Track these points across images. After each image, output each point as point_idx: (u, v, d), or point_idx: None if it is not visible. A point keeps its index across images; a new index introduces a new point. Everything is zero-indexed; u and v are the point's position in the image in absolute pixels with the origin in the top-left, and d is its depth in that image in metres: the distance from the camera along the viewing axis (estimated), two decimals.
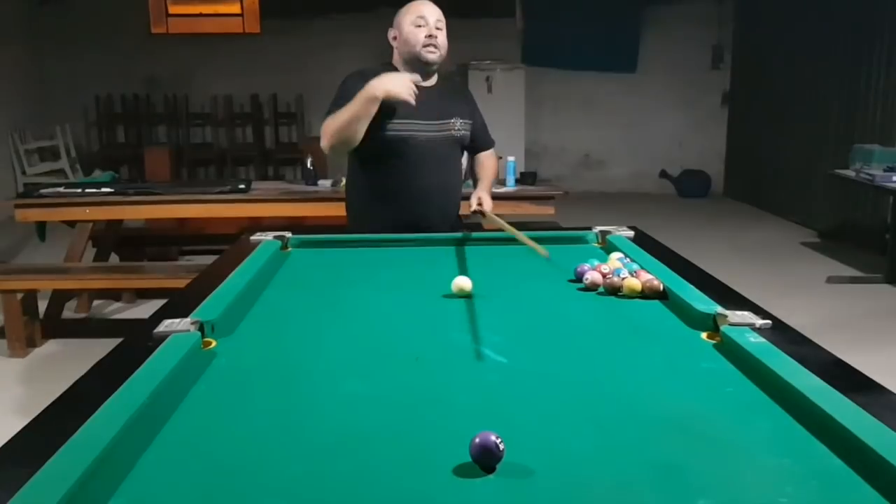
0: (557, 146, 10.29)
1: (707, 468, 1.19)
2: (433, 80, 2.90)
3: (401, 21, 2.82)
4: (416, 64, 2.82)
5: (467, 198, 2.94)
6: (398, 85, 2.63)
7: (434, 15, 2.80)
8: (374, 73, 2.73)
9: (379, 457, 1.22)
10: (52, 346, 4.53)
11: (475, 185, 3.02)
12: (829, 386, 1.35)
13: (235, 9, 9.90)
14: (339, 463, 1.20)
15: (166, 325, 1.69)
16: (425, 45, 2.78)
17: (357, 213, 3.00)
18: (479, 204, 2.82)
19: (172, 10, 9.88)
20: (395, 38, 2.85)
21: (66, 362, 4.10)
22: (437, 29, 2.79)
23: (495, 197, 3.02)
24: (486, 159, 3.11)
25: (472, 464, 1.16)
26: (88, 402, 1.31)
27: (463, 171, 3.15)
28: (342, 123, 2.71)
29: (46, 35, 9.55)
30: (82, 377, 1.50)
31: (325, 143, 2.80)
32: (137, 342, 1.64)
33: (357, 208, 3.00)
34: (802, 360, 1.47)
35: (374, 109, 2.66)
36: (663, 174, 10.20)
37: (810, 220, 7.76)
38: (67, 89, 9.70)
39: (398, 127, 2.80)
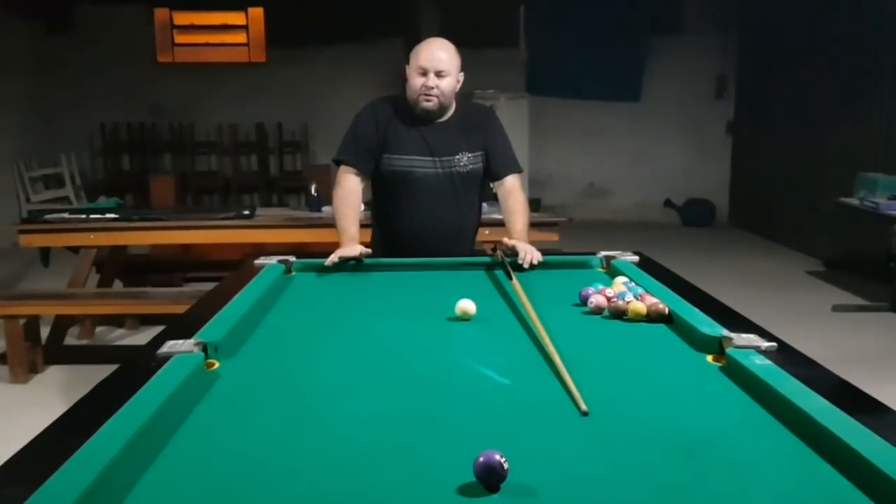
0: (562, 175, 10.32)
1: (714, 489, 1.17)
2: (447, 116, 2.91)
3: (410, 62, 2.84)
4: (416, 108, 2.86)
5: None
6: (346, 252, 2.70)
7: (436, 65, 2.78)
8: (387, 105, 2.92)
9: (383, 477, 1.21)
10: (54, 373, 4.51)
11: (507, 224, 2.91)
12: (835, 407, 1.34)
13: (241, 38, 9.99)
14: (343, 483, 1.19)
15: (169, 346, 1.69)
16: (421, 95, 2.80)
17: (374, 235, 3.10)
18: (503, 248, 2.74)
19: (178, 39, 9.98)
20: (409, 73, 2.87)
21: (68, 389, 4.09)
22: (440, 76, 2.78)
23: (496, 223, 3.01)
24: (509, 198, 2.93)
25: (476, 483, 1.15)
26: (90, 422, 1.30)
27: (480, 206, 3.11)
28: (334, 217, 2.91)
29: (53, 63, 9.64)
30: (84, 397, 1.49)
31: (334, 191, 2.94)
32: (140, 363, 1.64)
33: (373, 226, 3.11)
34: (808, 382, 1.46)
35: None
36: (668, 203, 10.21)
37: (815, 249, 7.75)
38: (73, 117, 9.76)
39: (396, 163, 2.89)
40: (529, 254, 2.67)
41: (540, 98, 9.74)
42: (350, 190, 2.87)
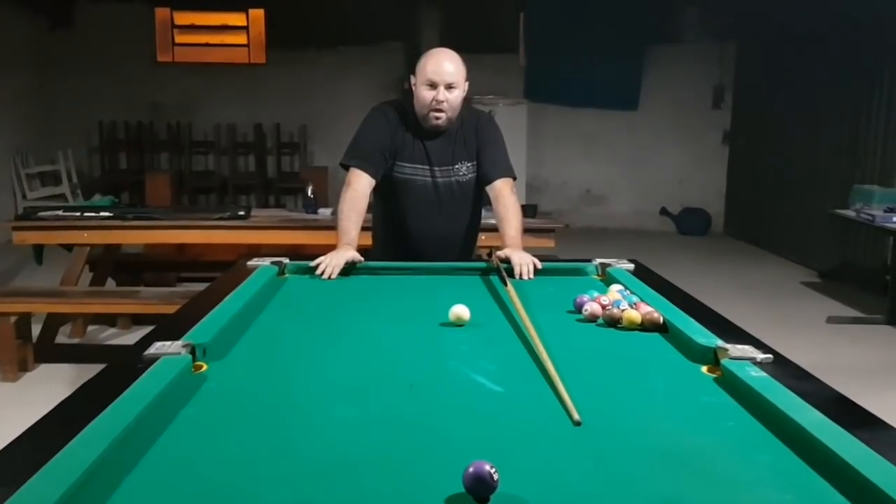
0: (559, 181, 10.32)
1: (707, 503, 1.15)
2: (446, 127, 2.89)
3: (417, 74, 2.79)
4: (424, 122, 2.83)
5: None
6: (334, 259, 2.63)
7: (446, 78, 2.73)
8: (394, 111, 2.90)
9: (370, 484, 1.19)
10: (44, 371, 4.48)
11: (500, 231, 2.87)
12: (831, 421, 1.32)
13: (241, 39, 9.98)
14: (330, 490, 1.17)
15: (157, 347, 1.66)
16: (432, 110, 2.78)
17: (374, 236, 3.11)
18: (499, 256, 2.70)
19: (179, 39, 9.97)
20: (415, 84, 2.83)
21: (57, 387, 4.05)
22: (449, 89, 2.75)
23: (493, 228, 2.99)
24: (499, 204, 2.87)
25: (465, 494, 1.13)
26: (74, 423, 1.28)
27: (479, 214, 3.11)
28: (337, 217, 2.87)
29: (53, 60, 9.62)
30: (69, 397, 1.46)
31: (343, 192, 2.89)
32: (127, 364, 1.61)
33: (374, 231, 3.11)
34: (804, 395, 1.45)
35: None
36: (664, 211, 10.21)
37: (810, 260, 7.75)
38: (71, 114, 9.73)
39: (399, 170, 2.89)
40: (525, 266, 2.61)
41: (538, 105, 9.75)
42: (360, 193, 2.83)
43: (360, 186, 2.83)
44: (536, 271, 2.63)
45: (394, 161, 2.89)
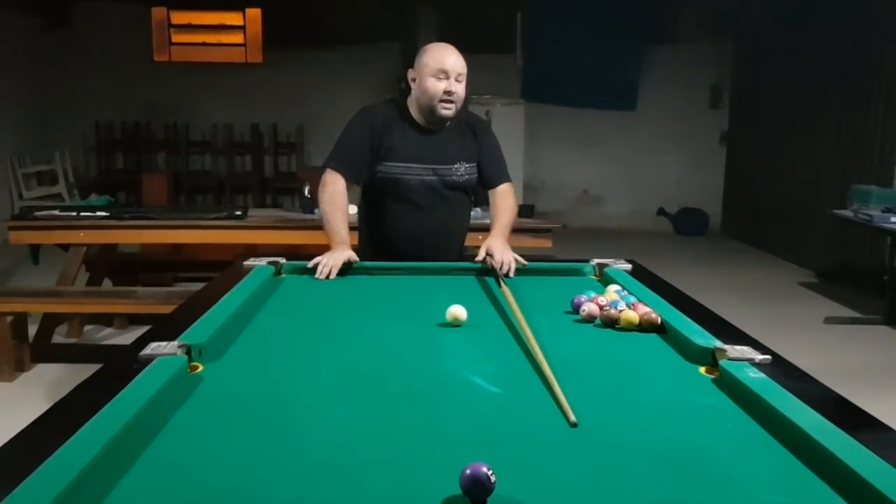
0: (556, 181, 10.32)
1: None
2: (447, 123, 2.89)
3: (422, 67, 2.77)
4: (431, 114, 2.81)
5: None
6: (332, 259, 2.64)
7: (456, 68, 2.74)
8: (381, 111, 2.89)
9: (367, 487, 1.18)
10: (40, 371, 4.46)
11: (491, 221, 2.93)
12: (829, 422, 1.32)
13: (238, 39, 9.97)
14: (326, 492, 1.17)
15: (152, 347, 1.65)
16: (442, 101, 2.76)
17: (361, 235, 3.08)
18: (489, 254, 2.71)
19: (175, 38, 9.95)
20: (413, 79, 2.82)
21: (54, 387, 4.04)
22: (458, 82, 2.75)
23: (488, 229, 2.99)
24: (499, 198, 2.97)
25: (462, 496, 1.12)
26: (69, 424, 1.27)
27: (470, 213, 3.14)
28: (322, 219, 2.86)
29: (49, 60, 9.60)
30: (63, 398, 1.45)
31: (319, 193, 2.90)
32: (123, 364, 1.60)
33: (361, 230, 3.09)
34: (803, 397, 1.44)
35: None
36: (661, 212, 10.22)
37: (808, 261, 7.75)
38: (68, 114, 9.72)
39: (393, 169, 2.86)
40: (507, 265, 2.64)
41: (536, 105, 9.74)
42: (338, 192, 2.84)
43: (337, 187, 2.85)
44: (525, 270, 2.66)
45: (382, 161, 2.86)
